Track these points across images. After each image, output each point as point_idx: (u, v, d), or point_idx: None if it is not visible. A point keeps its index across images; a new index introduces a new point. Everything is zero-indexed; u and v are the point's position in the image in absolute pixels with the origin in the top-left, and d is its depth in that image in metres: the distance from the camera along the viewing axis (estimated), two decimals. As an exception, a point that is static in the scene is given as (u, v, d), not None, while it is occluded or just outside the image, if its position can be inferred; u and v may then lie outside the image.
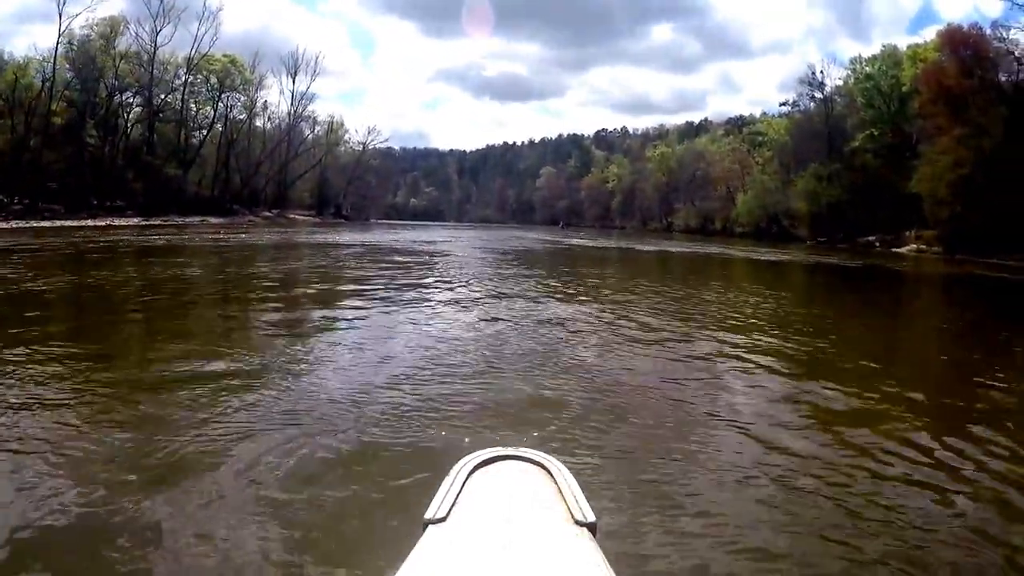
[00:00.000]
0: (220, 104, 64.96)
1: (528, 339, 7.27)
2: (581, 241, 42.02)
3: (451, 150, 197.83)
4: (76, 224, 35.58)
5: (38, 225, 33.13)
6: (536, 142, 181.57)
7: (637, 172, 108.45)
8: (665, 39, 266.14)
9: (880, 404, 5.11)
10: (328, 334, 7.30)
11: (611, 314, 9.43)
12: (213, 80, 62.77)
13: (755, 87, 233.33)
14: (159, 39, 55.83)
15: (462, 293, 11.31)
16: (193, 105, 63.52)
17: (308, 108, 75.85)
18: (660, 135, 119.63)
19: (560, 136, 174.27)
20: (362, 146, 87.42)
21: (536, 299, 10.81)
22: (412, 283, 12.76)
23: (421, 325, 8.06)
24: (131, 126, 56.52)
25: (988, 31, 40.81)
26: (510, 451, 1.76)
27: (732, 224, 72.80)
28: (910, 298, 17.65)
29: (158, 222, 42.81)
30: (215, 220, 50.72)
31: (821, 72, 61.33)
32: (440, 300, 10.32)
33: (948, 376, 6.84)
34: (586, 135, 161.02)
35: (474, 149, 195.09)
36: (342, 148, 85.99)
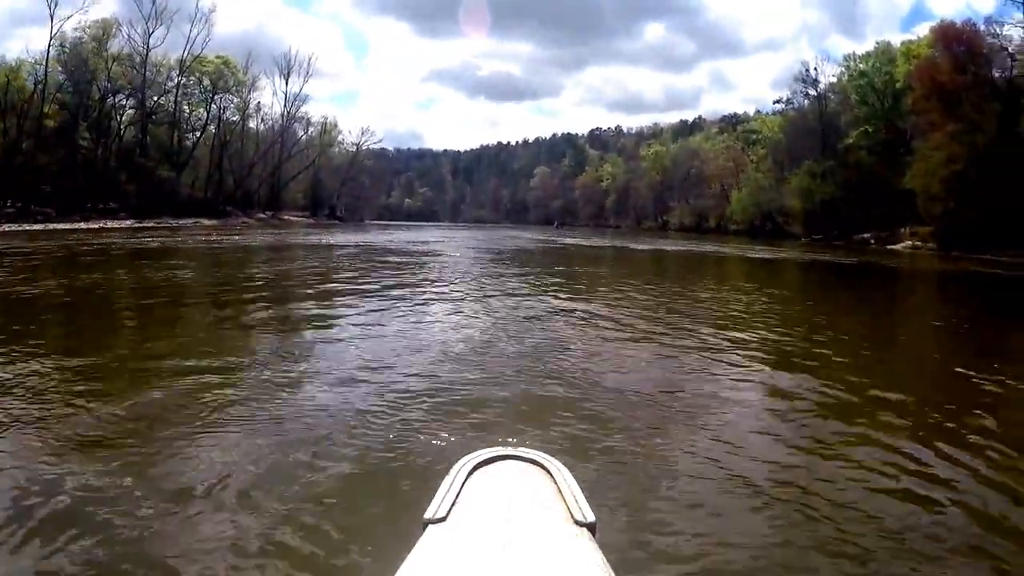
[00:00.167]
0: (213, 106, 64.91)
1: (521, 340, 7.19)
2: (575, 240, 42.04)
3: (445, 150, 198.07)
4: (69, 227, 35.54)
5: (31, 228, 33.11)
6: (530, 142, 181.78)
7: (631, 171, 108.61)
8: (658, 38, 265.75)
9: (879, 404, 5.03)
10: (322, 338, 7.24)
11: (605, 314, 9.36)
12: (206, 82, 62.64)
13: (749, 85, 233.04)
14: (151, 41, 55.89)
15: (455, 294, 11.26)
16: (186, 107, 63.52)
17: (301, 109, 76.09)
18: (654, 134, 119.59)
19: (554, 136, 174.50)
20: (356, 147, 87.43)
21: (529, 300, 10.73)
22: (404, 284, 12.70)
23: (414, 326, 8.05)
24: (124, 128, 56.40)
25: (982, 27, 41.06)
26: (510, 451, 1.75)
27: (727, 222, 72.98)
28: (908, 296, 17.66)
29: (151, 224, 42.72)
30: (208, 222, 50.70)
31: (815, 69, 61.59)
32: (433, 301, 10.30)
33: (946, 373, 6.78)
34: (580, 134, 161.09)
35: (468, 149, 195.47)
36: (336, 149, 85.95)
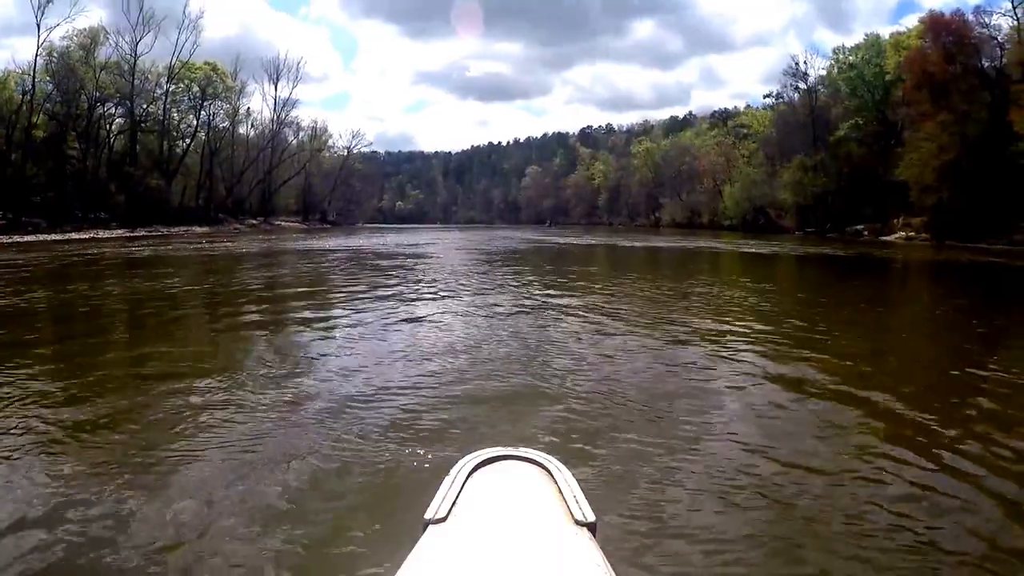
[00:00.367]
0: (202, 112, 64.64)
1: (514, 341, 7.15)
2: (568, 239, 41.94)
3: (436, 152, 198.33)
4: (60, 238, 35.36)
5: (22, 240, 32.87)
6: (521, 141, 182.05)
7: (623, 168, 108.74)
8: (647, 35, 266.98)
9: (881, 398, 4.94)
10: (316, 343, 7.21)
11: (598, 313, 9.31)
12: (195, 88, 62.31)
13: (738, 81, 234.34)
14: (139, 48, 55.53)
15: (446, 296, 11.17)
16: (175, 114, 63.23)
17: (291, 114, 75.99)
18: (645, 131, 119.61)
19: (545, 135, 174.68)
20: (346, 151, 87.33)
21: (521, 300, 10.69)
22: (395, 288, 12.59)
23: (405, 328, 8.05)
24: (113, 137, 56.11)
25: (970, 17, 41.13)
26: (510, 451, 1.75)
27: (719, 217, 72.98)
28: (906, 287, 17.68)
29: (142, 233, 42.60)
30: (200, 229, 50.53)
31: (804, 63, 61.79)
32: (424, 304, 10.21)
33: (948, 364, 6.69)
34: (571, 133, 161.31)
35: (459, 150, 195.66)
36: (326, 153, 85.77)
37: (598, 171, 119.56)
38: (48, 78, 48.71)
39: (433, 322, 8.49)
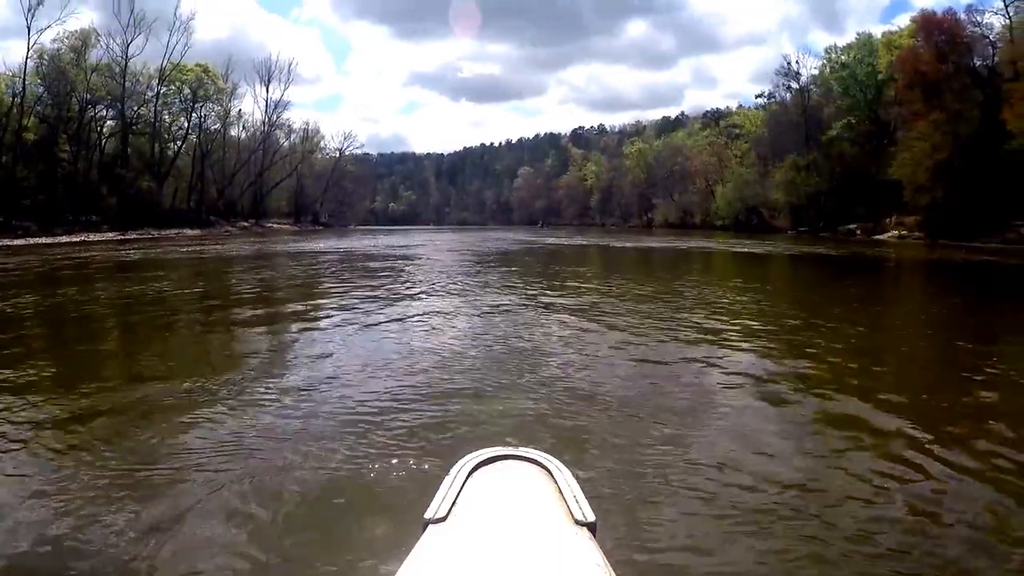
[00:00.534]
0: (194, 115, 64.37)
1: (509, 342, 7.15)
2: (560, 240, 42.01)
3: (428, 153, 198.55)
4: (51, 241, 35.30)
5: (12, 243, 32.76)
6: (513, 142, 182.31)
7: (615, 169, 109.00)
8: (639, 35, 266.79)
9: (879, 397, 4.98)
10: (308, 346, 7.14)
11: (591, 314, 9.24)
12: (186, 91, 62.07)
13: (730, 81, 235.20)
14: (130, 50, 55.27)
15: (437, 299, 11.14)
16: (167, 116, 62.92)
17: (283, 116, 75.69)
18: (637, 131, 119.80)
19: (537, 136, 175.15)
20: (339, 152, 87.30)
21: (512, 302, 10.65)
22: (386, 290, 12.55)
23: (397, 331, 8.02)
24: (104, 140, 55.89)
25: (963, 16, 41.46)
26: (510, 451, 1.75)
27: (712, 218, 73.26)
28: (901, 286, 17.75)
29: (134, 236, 42.52)
30: (191, 232, 50.49)
31: (797, 62, 62.23)
32: (415, 306, 10.15)
33: (945, 363, 6.74)
34: (563, 134, 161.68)
35: (451, 151, 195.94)
36: (318, 155, 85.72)
37: (590, 172, 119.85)
38: (39, 80, 48.46)
39: (424, 324, 8.46)
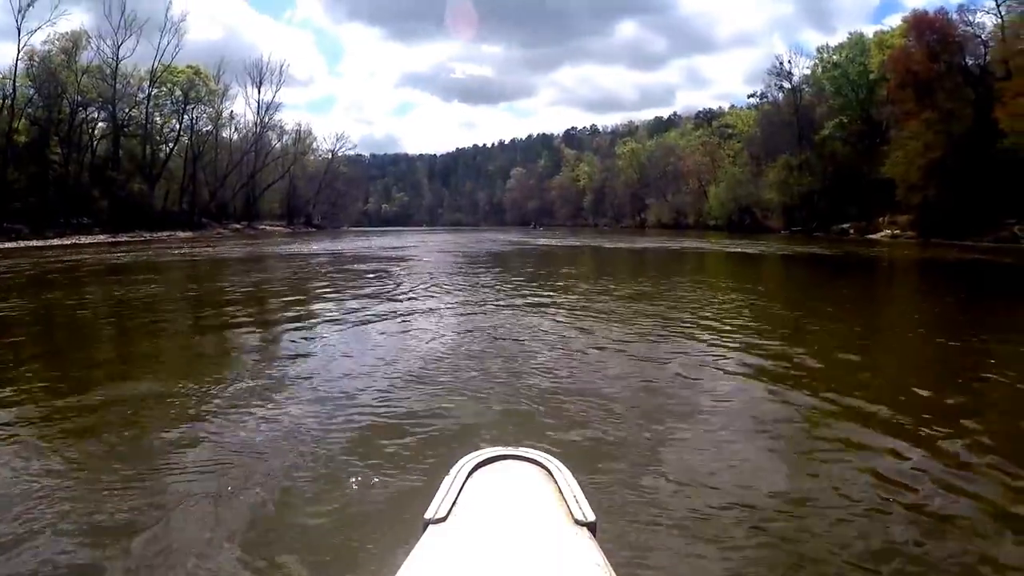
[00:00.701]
0: (185, 116, 64.12)
1: (504, 344, 7.10)
2: (553, 241, 41.97)
3: (421, 154, 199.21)
4: (42, 244, 35.15)
5: (3, 247, 32.49)
6: (506, 143, 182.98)
7: (607, 169, 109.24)
8: (631, 36, 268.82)
9: (878, 396, 4.91)
10: (300, 351, 6.96)
11: (585, 316, 9.14)
12: (177, 92, 61.75)
13: (722, 81, 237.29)
14: (121, 52, 55.05)
15: (431, 301, 11.07)
16: (158, 118, 62.55)
17: (275, 117, 75.70)
18: (630, 132, 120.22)
19: (530, 136, 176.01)
20: (331, 154, 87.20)
21: (505, 305, 10.62)
22: (377, 291, 12.54)
23: (394, 332, 7.98)
24: (96, 142, 55.55)
25: (954, 15, 41.57)
26: (510, 451, 1.75)
27: (705, 218, 73.43)
28: (897, 286, 17.80)
29: (125, 239, 42.27)
30: (183, 234, 50.29)
31: (789, 62, 62.30)
32: (408, 309, 10.08)
33: (941, 362, 6.73)
34: (556, 134, 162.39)
35: (444, 152, 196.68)
36: (311, 157, 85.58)
37: (583, 172, 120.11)
38: (29, 82, 48.12)
39: (416, 325, 8.43)
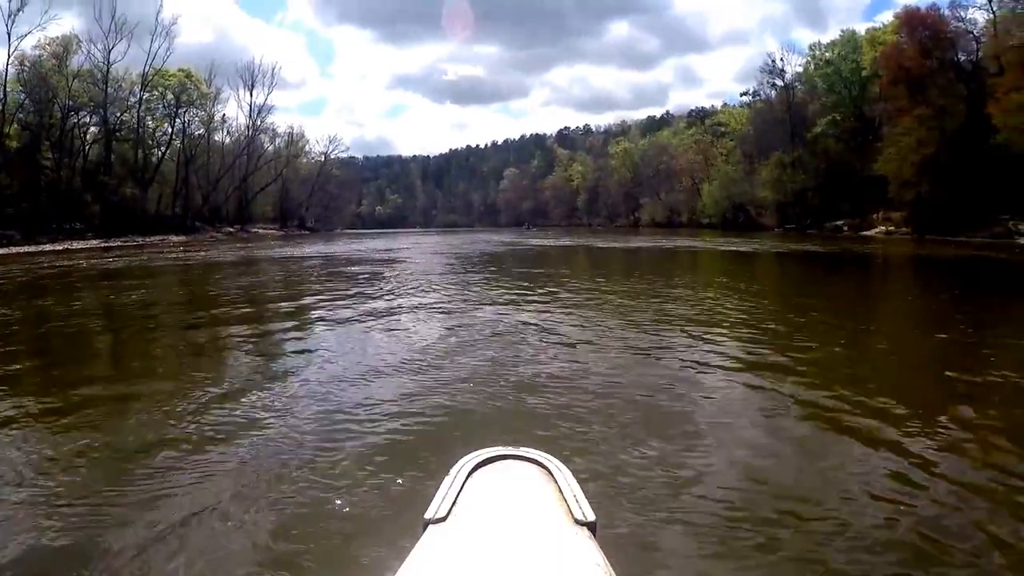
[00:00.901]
0: (177, 120, 64.10)
1: (500, 345, 7.03)
2: (547, 241, 41.93)
3: (414, 156, 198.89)
4: (35, 249, 34.94)
5: (-6, 253, 32.55)
6: (499, 144, 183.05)
7: (601, 169, 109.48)
8: (623, 36, 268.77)
9: (876, 395, 4.90)
10: (298, 353, 6.89)
11: (581, 317, 9.07)
12: (169, 96, 61.70)
13: (715, 80, 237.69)
14: (112, 56, 54.86)
15: (426, 302, 11.03)
16: (150, 122, 62.51)
17: (267, 120, 75.55)
18: (623, 131, 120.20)
19: (523, 137, 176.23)
20: (324, 156, 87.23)
21: (500, 306, 10.59)
22: (371, 292, 12.54)
23: (385, 334, 7.94)
24: (87, 146, 55.41)
25: (946, 11, 41.69)
26: (510, 450, 1.74)
27: (699, 216, 73.64)
28: (892, 282, 17.74)
29: (118, 243, 42.11)
30: (176, 238, 50.13)
31: (781, 60, 62.52)
32: (405, 311, 10.02)
33: (939, 360, 6.69)
34: (549, 135, 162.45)
35: (437, 154, 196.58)
36: (303, 159, 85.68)
37: (576, 172, 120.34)
38: (20, 87, 48.06)
39: (411, 327, 8.41)
